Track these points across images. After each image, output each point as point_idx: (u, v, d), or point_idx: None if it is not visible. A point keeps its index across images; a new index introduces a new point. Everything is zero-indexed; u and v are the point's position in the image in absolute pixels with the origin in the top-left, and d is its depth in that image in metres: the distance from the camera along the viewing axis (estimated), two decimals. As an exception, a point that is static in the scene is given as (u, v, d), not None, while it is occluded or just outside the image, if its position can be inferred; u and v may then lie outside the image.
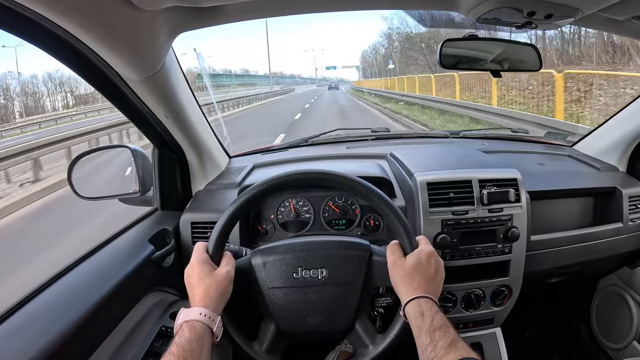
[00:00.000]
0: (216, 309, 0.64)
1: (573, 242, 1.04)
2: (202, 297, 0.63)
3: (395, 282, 0.67)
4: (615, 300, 1.21)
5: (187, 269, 0.68)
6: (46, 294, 0.69)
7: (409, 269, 0.66)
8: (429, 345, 0.56)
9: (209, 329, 0.61)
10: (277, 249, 0.72)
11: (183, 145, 0.98)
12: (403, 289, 0.65)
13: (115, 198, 1.03)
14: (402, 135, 1.35)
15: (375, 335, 0.71)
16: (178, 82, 0.85)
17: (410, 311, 0.62)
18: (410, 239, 0.68)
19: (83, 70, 0.69)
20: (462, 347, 0.55)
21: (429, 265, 0.66)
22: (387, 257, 0.69)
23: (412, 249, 0.68)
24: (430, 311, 0.60)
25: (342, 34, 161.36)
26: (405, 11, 1.15)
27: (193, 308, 0.63)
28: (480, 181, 0.93)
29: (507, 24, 0.80)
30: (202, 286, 0.64)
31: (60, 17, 0.55)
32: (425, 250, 0.68)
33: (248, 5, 0.67)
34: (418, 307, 0.61)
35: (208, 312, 0.62)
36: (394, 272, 0.67)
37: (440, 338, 0.56)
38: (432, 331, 0.57)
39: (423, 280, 0.65)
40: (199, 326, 0.60)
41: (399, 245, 0.70)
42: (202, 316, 0.61)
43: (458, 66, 0.92)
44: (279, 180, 0.71)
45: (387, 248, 0.70)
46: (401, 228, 0.69)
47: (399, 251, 0.69)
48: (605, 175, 1.14)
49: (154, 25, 0.65)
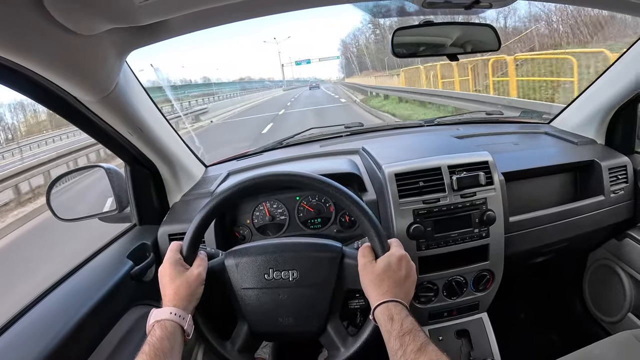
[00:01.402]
0: (186, 308, 0.65)
1: (554, 220, 1.03)
2: (172, 297, 0.65)
3: (365, 285, 0.66)
4: (607, 273, 1.20)
5: (160, 269, 0.70)
6: (26, 318, 0.70)
7: (378, 273, 0.65)
8: (399, 349, 0.56)
9: (180, 327, 0.63)
10: (250, 250, 0.73)
11: (154, 160, 0.99)
12: (372, 292, 0.64)
13: (95, 217, 1.04)
14: (376, 128, 1.34)
15: (346, 338, 0.71)
16: (137, 99, 0.85)
17: (380, 315, 0.62)
18: (381, 241, 0.68)
19: (40, 96, 0.69)
20: (432, 350, 0.55)
21: (399, 269, 0.66)
22: (358, 260, 0.68)
23: (384, 252, 0.67)
24: (399, 315, 0.60)
25: (313, 26, 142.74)
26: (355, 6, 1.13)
27: (163, 308, 0.64)
28: (449, 167, 0.92)
29: (454, 5, 0.79)
30: (173, 286, 0.66)
31: (3, 49, 0.55)
32: (396, 253, 0.67)
33: (190, 17, 0.67)
34: (387, 311, 0.61)
35: (178, 310, 0.63)
36: (364, 276, 0.67)
37: (410, 342, 0.56)
38: (401, 335, 0.57)
39: (393, 284, 0.64)
40: (169, 325, 0.61)
41: (371, 248, 0.69)
42: (172, 315, 0.62)
43: (415, 54, 0.92)
44: (250, 182, 0.71)
45: (358, 251, 0.70)
46: (372, 230, 0.68)
47: (370, 254, 0.68)
48: (583, 149, 1.12)
49: (99, 47, 0.65)
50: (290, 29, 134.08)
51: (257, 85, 69.50)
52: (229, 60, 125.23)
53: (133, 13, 0.58)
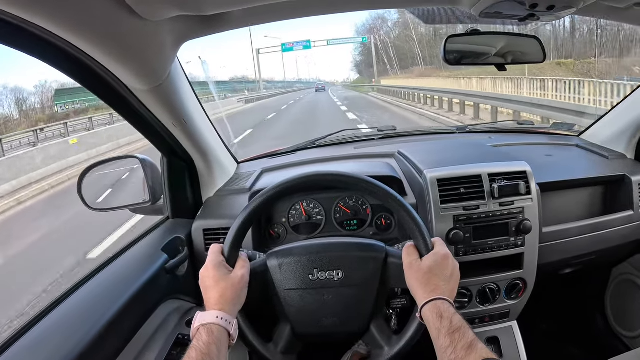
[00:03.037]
0: (232, 311, 0.64)
1: (585, 232, 1.04)
2: (217, 300, 0.64)
3: (412, 284, 0.66)
4: (630, 288, 1.21)
5: (202, 271, 0.68)
6: (62, 308, 0.69)
7: (425, 271, 0.65)
8: (449, 347, 0.56)
9: (226, 332, 0.61)
10: (293, 251, 0.72)
11: (192, 153, 0.98)
12: (420, 291, 0.65)
13: (126, 209, 1.03)
14: (408, 132, 1.34)
15: (390, 336, 0.71)
16: (184, 91, 0.85)
17: (428, 313, 0.62)
18: (426, 240, 0.68)
19: (89, 82, 0.69)
20: (481, 348, 0.55)
21: (445, 267, 0.66)
22: (403, 259, 0.69)
23: (428, 250, 0.68)
24: (448, 312, 0.60)
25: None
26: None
27: (209, 311, 0.63)
28: (490, 175, 0.93)
29: (509, 17, 0.80)
30: (218, 289, 0.64)
31: (67, 32, 0.55)
32: (442, 252, 0.68)
33: (252, 11, 0.67)
34: (436, 309, 0.61)
35: (224, 314, 0.62)
36: (410, 274, 0.67)
37: (460, 339, 0.56)
38: (451, 333, 0.57)
39: (440, 282, 0.64)
40: (216, 329, 0.60)
41: (415, 246, 0.69)
42: (218, 319, 0.61)
43: (462, 62, 0.92)
44: (293, 183, 0.71)
45: (402, 250, 0.70)
46: (417, 230, 0.68)
47: (415, 253, 0.68)
48: (614, 163, 1.14)
49: (160, 35, 0.65)
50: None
51: (240, 87, 52.69)
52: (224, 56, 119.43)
53: (201, 1, 0.58)
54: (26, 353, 0.59)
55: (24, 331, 0.63)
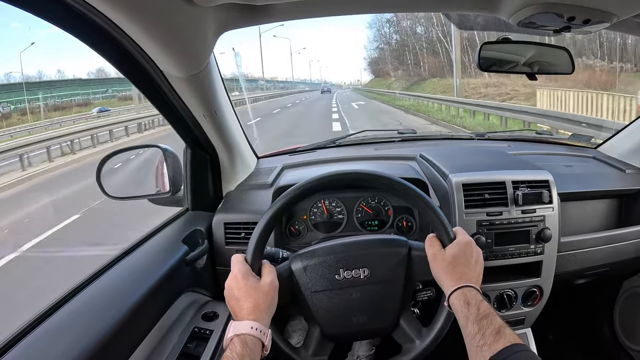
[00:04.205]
0: (266, 321, 0.63)
1: (602, 244, 1.05)
2: (251, 310, 0.62)
3: (438, 273, 0.66)
4: (639, 301, 1.22)
5: (229, 282, 0.66)
6: (83, 295, 0.68)
7: (450, 260, 0.65)
8: (477, 333, 0.56)
9: (260, 343, 0.60)
10: (317, 252, 0.71)
11: (216, 145, 0.97)
12: (446, 279, 0.65)
13: (145, 198, 1.02)
14: (428, 136, 1.35)
15: (420, 329, 0.71)
16: (218, 82, 0.85)
17: (455, 301, 0.62)
18: (447, 230, 0.68)
19: (125, 66, 0.68)
20: (509, 333, 0.55)
21: (469, 255, 0.66)
22: (427, 250, 0.69)
23: (450, 240, 0.68)
24: (475, 299, 0.60)
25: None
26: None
27: (244, 321, 0.61)
28: (513, 182, 0.93)
29: (545, 28, 0.81)
30: (251, 300, 0.62)
31: (113, 10, 0.54)
32: (464, 239, 0.68)
33: (300, 5, 0.67)
34: (463, 296, 0.61)
35: (259, 325, 0.60)
36: (435, 264, 0.67)
37: (487, 326, 0.56)
38: (479, 320, 0.57)
39: (465, 269, 0.65)
40: (250, 340, 0.58)
41: (437, 237, 0.70)
42: (253, 330, 0.59)
43: (492, 68, 0.93)
44: (317, 182, 0.70)
45: (425, 242, 0.70)
46: (437, 220, 0.69)
47: (438, 243, 0.69)
48: (631, 177, 1.15)
49: (205, 21, 0.65)
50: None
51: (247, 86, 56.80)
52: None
53: None
54: (47, 339, 0.58)
55: (44, 317, 0.62)
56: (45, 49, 43.48)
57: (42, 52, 42.64)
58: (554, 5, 0.71)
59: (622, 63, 9.28)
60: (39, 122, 14.69)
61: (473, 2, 0.76)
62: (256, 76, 50.84)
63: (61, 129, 11.37)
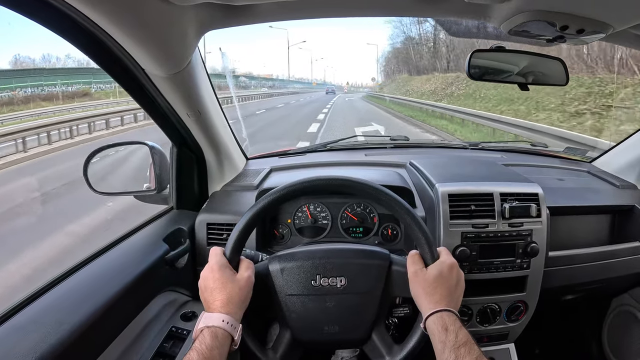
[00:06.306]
0: (238, 315, 0.63)
1: (591, 260, 1.03)
2: (224, 302, 0.62)
3: (417, 293, 0.65)
4: (628, 319, 1.20)
5: (204, 273, 0.66)
6: (57, 290, 0.68)
7: (431, 280, 0.64)
8: None
9: (230, 337, 0.60)
10: (296, 256, 0.71)
11: (202, 145, 0.97)
12: (425, 301, 0.63)
13: (131, 195, 1.02)
14: (421, 144, 1.34)
15: (392, 346, 0.70)
16: (202, 81, 0.84)
17: (433, 325, 0.61)
18: (431, 249, 0.67)
19: (108, 65, 0.68)
20: None
21: (451, 277, 0.65)
22: (408, 267, 0.68)
23: (433, 259, 0.67)
24: (454, 326, 0.59)
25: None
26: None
27: (215, 314, 0.61)
28: (501, 194, 0.92)
29: (537, 37, 0.79)
30: (224, 292, 0.63)
31: (91, 9, 0.54)
32: (447, 261, 0.67)
33: (280, 6, 0.66)
34: (441, 321, 0.60)
35: (230, 319, 0.60)
36: (415, 283, 0.66)
37: (465, 355, 0.55)
38: (457, 347, 0.56)
39: (445, 292, 0.63)
40: (220, 333, 0.58)
41: (420, 255, 0.68)
42: (224, 323, 0.60)
43: (484, 77, 0.91)
44: (301, 186, 0.70)
45: (407, 258, 0.69)
46: (423, 238, 0.67)
47: (420, 262, 0.67)
48: (624, 193, 1.13)
49: (184, 21, 0.64)
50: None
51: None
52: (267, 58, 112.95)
53: None
54: (17, 333, 0.58)
55: (15, 310, 0.62)
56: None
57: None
58: (546, 14, 0.70)
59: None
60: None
61: (464, 8, 0.74)
62: (242, 72, 46.58)
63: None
